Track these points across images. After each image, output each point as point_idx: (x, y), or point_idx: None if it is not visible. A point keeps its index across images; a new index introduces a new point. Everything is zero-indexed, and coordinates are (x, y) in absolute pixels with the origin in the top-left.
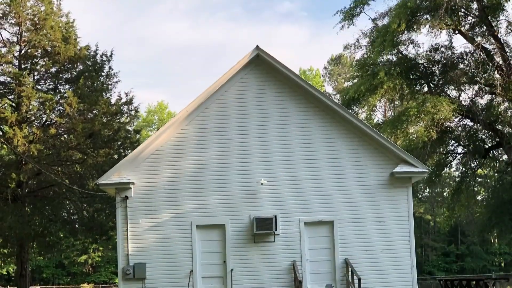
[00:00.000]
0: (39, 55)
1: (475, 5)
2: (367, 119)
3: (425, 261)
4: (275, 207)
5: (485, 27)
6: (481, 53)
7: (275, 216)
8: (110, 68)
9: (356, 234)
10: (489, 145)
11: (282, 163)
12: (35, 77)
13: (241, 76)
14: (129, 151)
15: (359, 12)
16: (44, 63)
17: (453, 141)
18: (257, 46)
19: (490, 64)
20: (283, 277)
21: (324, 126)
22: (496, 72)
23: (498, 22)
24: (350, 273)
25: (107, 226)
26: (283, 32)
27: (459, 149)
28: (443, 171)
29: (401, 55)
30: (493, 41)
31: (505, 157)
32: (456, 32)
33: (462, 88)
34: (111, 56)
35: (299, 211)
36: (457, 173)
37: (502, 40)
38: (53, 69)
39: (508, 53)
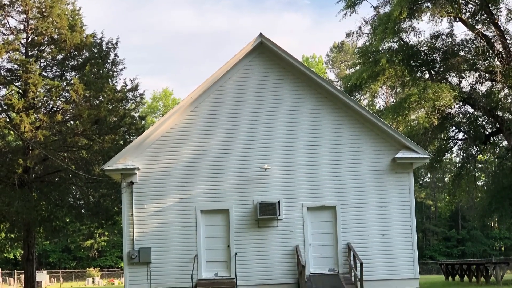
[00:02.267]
0: (45, 42)
1: None
2: (369, 105)
3: (426, 246)
4: (278, 192)
5: (485, 15)
6: (482, 41)
7: (278, 201)
8: (115, 55)
9: (358, 219)
10: (490, 131)
11: (285, 149)
12: (42, 64)
13: (245, 63)
14: (135, 137)
15: (361, 0)
16: (50, 50)
17: (453, 127)
18: (261, 33)
19: (491, 51)
20: (286, 261)
21: (327, 113)
22: (496, 59)
23: (498, 10)
24: (352, 257)
25: (112, 211)
26: (286, 19)
27: (460, 135)
28: (444, 157)
29: (402, 42)
30: (493, 28)
31: (505, 143)
32: (457, 19)
33: (463, 75)
34: (116, 43)
35: (302, 196)
36: (457, 159)
37: (502, 28)
38: (60, 56)
39: (508, 41)
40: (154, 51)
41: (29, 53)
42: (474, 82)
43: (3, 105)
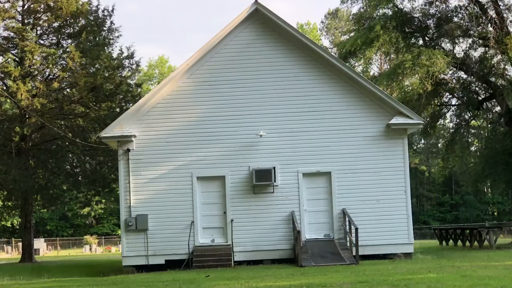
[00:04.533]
0: (41, 10)
1: None
2: (364, 72)
3: (420, 211)
4: (274, 158)
5: None
6: (475, 7)
7: (274, 168)
8: (111, 22)
9: (353, 184)
10: (483, 96)
11: (281, 115)
12: (38, 32)
13: (240, 30)
14: (131, 104)
15: None
16: (46, 18)
17: (447, 93)
18: (256, 0)
19: (484, 17)
20: (282, 227)
21: (322, 79)
22: (489, 25)
23: None
24: (347, 222)
25: (109, 179)
26: None
27: (453, 101)
28: (438, 123)
29: (396, 9)
30: None
31: (498, 108)
32: None
33: (456, 41)
34: (112, 11)
35: (297, 163)
36: (451, 125)
37: None
38: (56, 24)
39: (501, 7)
40: (150, 18)
41: (25, 21)
42: (467, 48)
43: None
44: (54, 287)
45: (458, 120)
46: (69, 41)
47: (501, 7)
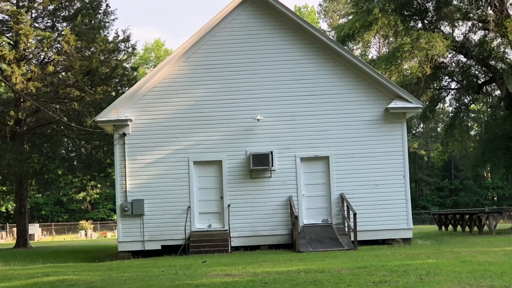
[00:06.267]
0: None
1: None
2: (362, 55)
3: (419, 196)
4: (271, 143)
5: None
6: None
7: (271, 152)
8: (107, 5)
9: (352, 169)
10: (482, 80)
11: (278, 99)
12: (33, 15)
13: (238, 13)
14: (127, 88)
15: None
16: (41, 0)
17: (446, 77)
18: None
19: (483, 0)
20: (279, 212)
21: (320, 63)
22: (489, 8)
23: None
24: (345, 207)
25: (105, 163)
26: None
27: (453, 85)
28: (437, 107)
29: None
30: None
31: (498, 92)
32: None
33: (456, 24)
34: None
35: (295, 147)
36: (450, 109)
37: None
38: (51, 7)
39: None
40: (146, 1)
41: (20, 4)
42: (467, 31)
43: None
44: (49, 272)
45: (457, 104)
46: (64, 24)
47: None
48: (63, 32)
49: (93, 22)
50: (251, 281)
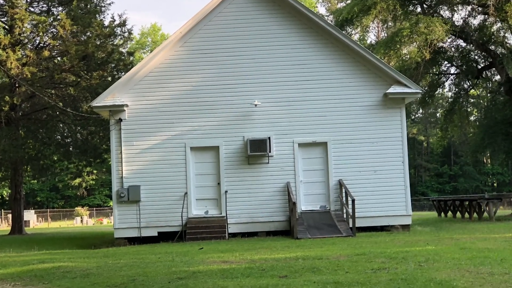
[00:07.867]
0: None
1: None
2: (360, 40)
3: (418, 182)
4: (268, 128)
5: None
6: None
7: (269, 138)
8: None
9: (350, 155)
10: (482, 65)
11: (276, 84)
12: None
13: None
14: (123, 73)
15: None
16: None
17: (446, 62)
18: None
19: None
20: (277, 199)
21: (318, 48)
22: None
23: None
24: (344, 194)
25: (101, 149)
26: None
27: (452, 70)
28: (436, 92)
29: None
30: None
31: (497, 77)
32: None
33: (455, 8)
34: None
35: (293, 133)
36: (450, 94)
37: None
38: None
39: None
40: None
41: None
42: (466, 16)
43: None
44: (45, 259)
45: (457, 89)
46: (60, 8)
47: None
48: (58, 17)
49: (89, 6)
50: (248, 268)
